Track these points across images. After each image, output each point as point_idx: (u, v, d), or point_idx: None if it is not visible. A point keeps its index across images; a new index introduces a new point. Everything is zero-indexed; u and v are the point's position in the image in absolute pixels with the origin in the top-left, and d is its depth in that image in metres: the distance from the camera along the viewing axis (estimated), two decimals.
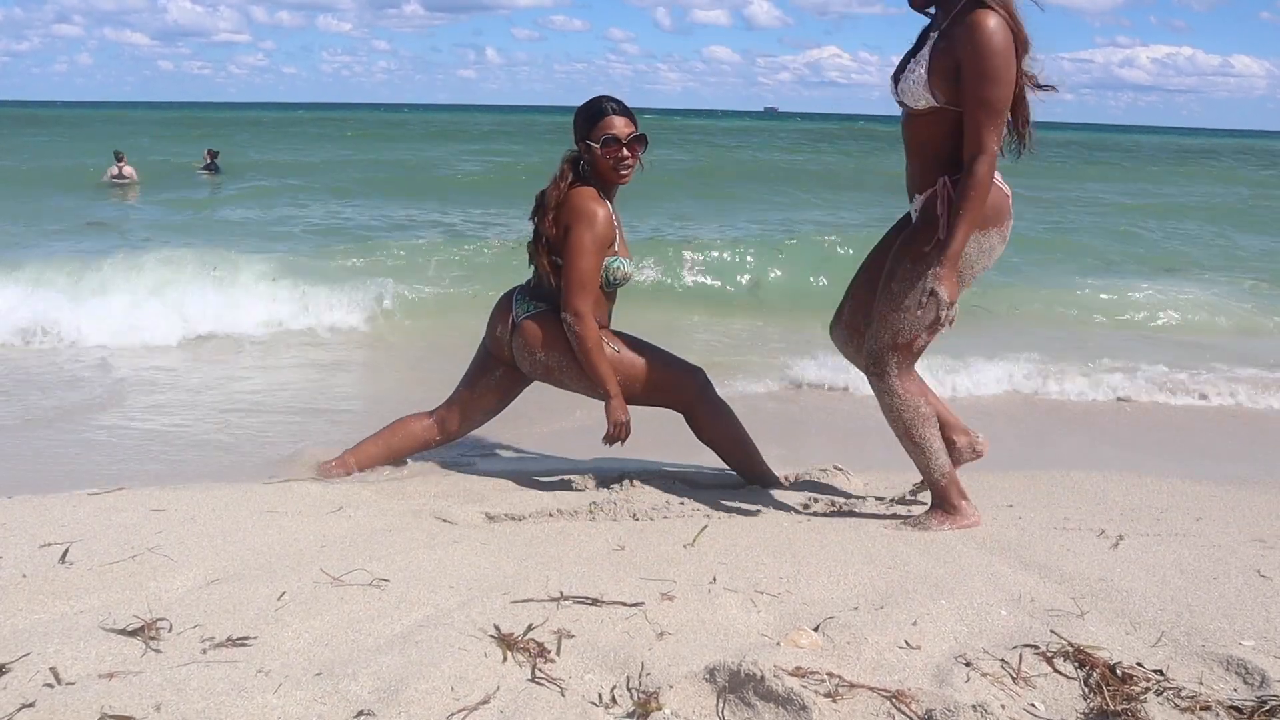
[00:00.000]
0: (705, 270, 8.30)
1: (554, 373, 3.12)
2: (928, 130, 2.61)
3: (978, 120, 2.49)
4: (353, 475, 3.23)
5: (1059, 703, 1.79)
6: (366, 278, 7.29)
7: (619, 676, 1.81)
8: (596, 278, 3.00)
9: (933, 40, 2.56)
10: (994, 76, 2.46)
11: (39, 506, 2.72)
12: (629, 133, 3.01)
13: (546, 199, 3.04)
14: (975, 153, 2.49)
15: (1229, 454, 4.28)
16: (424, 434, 3.28)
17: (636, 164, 3.05)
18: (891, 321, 2.66)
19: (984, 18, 2.44)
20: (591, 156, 3.01)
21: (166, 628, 1.91)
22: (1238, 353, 6.23)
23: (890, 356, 2.69)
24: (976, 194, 2.50)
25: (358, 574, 2.24)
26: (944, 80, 2.52)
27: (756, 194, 17.02)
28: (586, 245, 2.96)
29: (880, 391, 2.75)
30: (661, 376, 3.12)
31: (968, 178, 2.50)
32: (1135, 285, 8.34)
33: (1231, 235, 13.06)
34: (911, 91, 2.58)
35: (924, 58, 2.55)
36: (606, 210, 3.01)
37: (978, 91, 2.47)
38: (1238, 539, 2.79)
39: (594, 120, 3.01)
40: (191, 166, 18.79)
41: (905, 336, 2.66)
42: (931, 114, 2.58)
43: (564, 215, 3.00)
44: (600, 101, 3.04)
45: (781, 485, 3.26)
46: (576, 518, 2.86)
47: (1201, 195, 19.63)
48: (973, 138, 2.50)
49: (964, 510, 2.78)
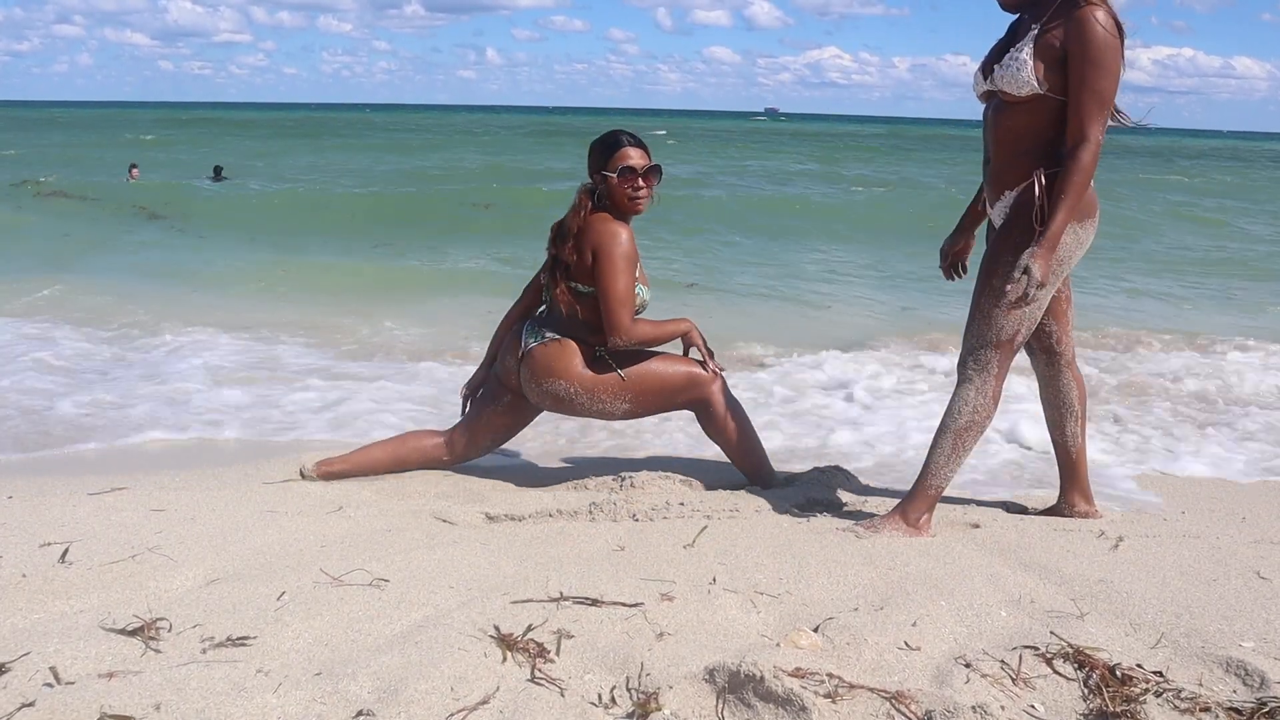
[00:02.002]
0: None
1: (562, 401, 3.15)
2: (1024, 119, 2.61)
3: (1088, 110, 2.51)
4: (351, 477, 3.23)
5: (1059, 704, 1.79)
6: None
7: (619, 677, 1.81)
8: (634, 293, 3.05)
9: (1034, 31, 2.57)
10: (1106, 67, 2.49)
11: (39, 506, 2.72)
12: (644, 164, 3.08)
13: (567, 227, 3.10)
14: (1081, 141, 2.52)
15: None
16: (432, 451, 3.32)
17: (651, 195, 3.11)
18: (995, 317, 2.67)
19: (1094, 10, 2.48)
20: (607, 187, 3.08)
21: (166, 627, 1.91)
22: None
23: (993, 355, 2.70)
24: (1080, 180, 2.52)
25: (358, 574, 2.24)
26: (1049, 68, 2.54)
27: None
28: (619, 263, 3.01)
29: (968, 387, 2.74)
30: (679, 377, 3.17)
31: (1072, 164, 2.52)
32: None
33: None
34: (1014, 79, 2.58)
35: (1026, 46, 2.56)
36: (629, 232, 3.07)
37: (1090, 81, 2.50)
38: (1237, 540, 2.79)
39: (610, 151, 3.08)
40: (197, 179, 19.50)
41: (1007, 333, 2.67)
42: (1032, 102, 2.58)
43: (586, 241, 3.05)
44: (616, 134, 3.13)
45: (783, 485, 3.26)
46: (576, 518, 2.86)
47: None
48: (1078, 126, 2.52)
49: (921, 528, 2.76)
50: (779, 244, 11.86)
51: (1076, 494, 3.01)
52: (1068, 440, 2.97)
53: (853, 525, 2.77)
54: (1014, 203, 2.68)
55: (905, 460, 3.87)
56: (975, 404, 2.73)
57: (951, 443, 2.75)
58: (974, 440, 2.76)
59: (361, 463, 3.26)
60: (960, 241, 3.06)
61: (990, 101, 2.71)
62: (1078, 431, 2.96)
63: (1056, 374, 2.92)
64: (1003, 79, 2.61)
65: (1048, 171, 2.58)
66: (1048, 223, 2.53)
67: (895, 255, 10.70)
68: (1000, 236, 2.70)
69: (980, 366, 2.72)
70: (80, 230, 11.60)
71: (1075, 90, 2.52)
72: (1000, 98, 2.65)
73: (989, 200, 2.79)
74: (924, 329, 6.75)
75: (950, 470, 2.77)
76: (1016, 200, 2.67)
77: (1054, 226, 2.52)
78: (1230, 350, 6.34)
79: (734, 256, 10.86)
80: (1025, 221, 2.60)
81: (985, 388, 2.72)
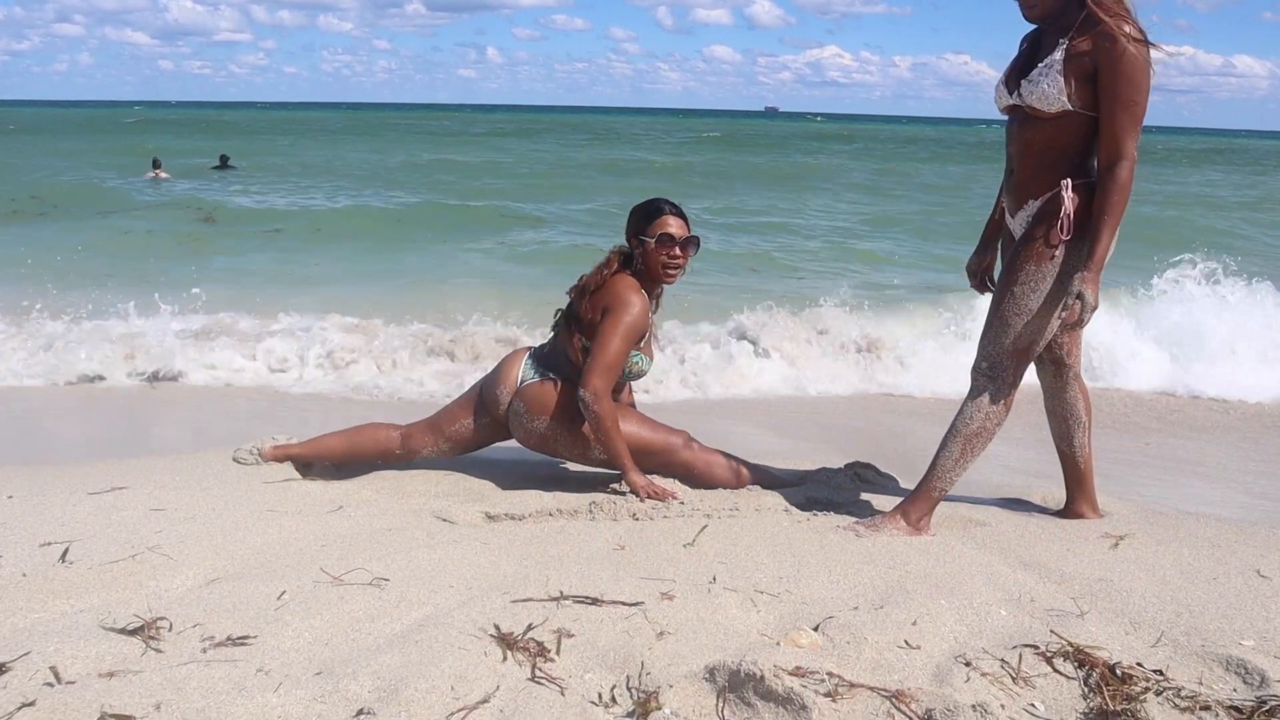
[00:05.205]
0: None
1: (548, 441, 3.16)
2: (1053, 134, 2.61)
3: (1122, 126, 2.51)
4: (305, 462, 3.29)
5: (1059, 703, 1.79)
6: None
7: (619, 676, 1.81)
8: (622, 364, 3.05)
9: (1063, 46, 2.56)
10: (1138, 83, 2.50)
11: (39, 506, 2.72)
12: (683, 234, 3.09)
13: (588, 283, 3.11)
14: (1117, 158, 2.52)
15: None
16: (387, 444, 3.29)
17: (686, 266, 3.13)
18: (1014, 325, 2.67)
19: (1122, 24, 2.48)
20: (644, 252, 3.09)
21: (166, 627, 1.91)
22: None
23: (1010, 362, 2.71)
24: (1120, 198, 2.53)
25: (358, 573, 2.24)
26: (1079, 84, 2.53)
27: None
28: (620, 330, 3.01)
29: (982, 392, 2.74)
30: (655, 442, 3.16)
31: (1110, 183, 2.53)
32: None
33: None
34: (1043, 96, 2.57)
35: (1055, 63, 2.55)
36: (644, 302, 3.07)
37: (1124, 97, 2.50)
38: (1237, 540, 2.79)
39: (650, 218, 3.10)
40: (205, 168, 19.95)
41: (1025, 341, 2.68)
42: (1061, 118, 2.58)
43: (602, 299, 3.06)
44: (658, 201, 3.15)
45: (786, 485, 3.26)
46: (576, 518, 2.86)
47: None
48: (1113, 143, 2.52)
49: (921, 528, 2.77)
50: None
51: (1084, 504, 3.02)
52: (1075, 451, 2.97)
53: (853, 524, 2.77)
54: (1036, 212, 2.67)
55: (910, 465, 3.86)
56: (988, 410, 2.73)
57: (960, 447, 2.75)
58: (983, 446, 2.77)
59: (318, 449, 3.29)
60: (986, 258, 3.07)
61: (1014, 114, 2.70)
62: (1085, 442, 2.96)
63: (1064, 386, 2.92)
64: (1031, 95, 2.60)
65: (1075, 182, 2.58)
66: (1093, 244, 2.53)
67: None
68: (1021, 246, 2.69)
69: (996, 373, 2.72)
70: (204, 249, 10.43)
71: (1108, 107, 2.51)
72: (1026, 112, 2.65)
73: (1010, 210, 2.79)
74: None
75: (956, 474, 2.77)
76: (1040, 210, 2.67)
77: (1100, 248, 2.53)
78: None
79: None
80: (1046, 231, 2.61)
81: (999, 395, 2.73)
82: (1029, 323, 2.65)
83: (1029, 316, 2.64)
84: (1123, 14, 2.50)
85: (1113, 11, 2.49)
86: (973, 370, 2.79)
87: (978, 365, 2.76)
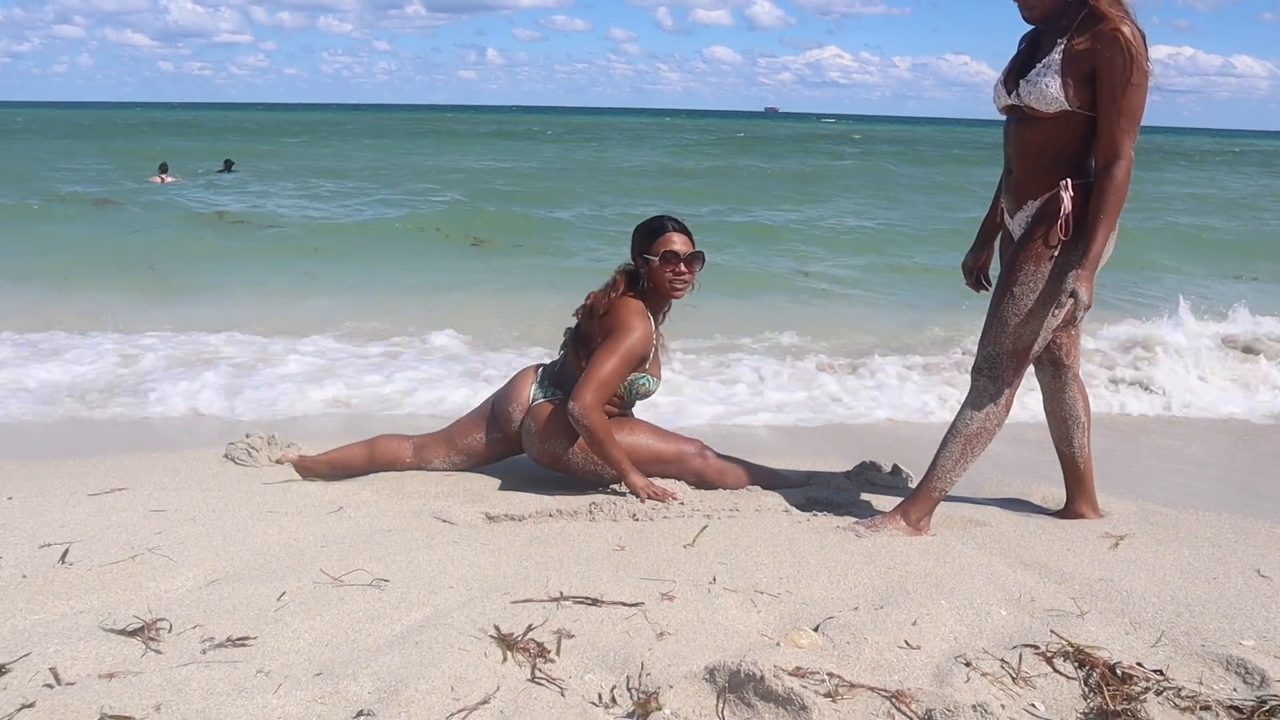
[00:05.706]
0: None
1: (559, 459, 3.17)
2: (1049, 133, 2.61)
3: (1119, 126, 2.51)
4: (324, 477, 3.29)
5: (1059, 703, 1.79)
6: None
7: (619, 676, 1.81)
8: (615, 384, 3.06)
9: (1061, 46, 2.56)
10: (1136, 84, 2.50)
11: (39, 507, 2.72)
12: (688, 250, 3.09)
13: (595, 305, 3.11)
14: (1114, 158, 2.53)
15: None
16: (400, 455, 3.33)
17: (692, 281, 3.13)
18: (1013, 325, 2.67)
19: (1123, 26, 2.48)
20: (649, 270, 3.09)
21: (166, 628, 1.91)
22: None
23: (1009, 363, 2.71)
24: (1117, 198, 2.54)
25: (358, 574, 2.24)
26: (1078, 85, 2.54)
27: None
28: (619, 353, 3.02)
29: (982, 393, 2.74)
30: (668, 452, 3.17)
31: (1107, 182, 2.53)
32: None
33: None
34: (1042, 96, 2.57)
35: (1054, 63, 2.56)
36: (647, 328, 3.07)
37: (1122, 98, 2.50)
38: (1237, 540, 2.79)
39: (654, 235, 3.11)
40: (209, 171, 19.91)
41: (1025, 341, 2.68)
42: (1059, 118, 2.59)
43: (606, 321, 3.07)
44: (661, 219, 3.15)
45: (791, 484, 3.26)
46: (576, 518, 2.86)
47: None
48: (1111, 143, 2.53)
49: (920, 528, 2.77)
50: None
51: (1084, 505, 3.02)
52: (1075, 452, 2.97)
53: (853, 524, 2.77)
54: (1035, 212, 2.67)
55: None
56: (988, 411, 2.74)
57: (960, 447, 2.75)
58: (983, 446, 2.77)
59: (335, 462, 3.31)
60: (982, 255, 3.07)
61: (1012, 114, 2.70)
62: (1085, 443, 2.96)
63: (1063, 386, 2.92)
64: (1029, 95, 2.60)
65: (1074, 182, 2.58)
66: (1088, 242, 2.53)
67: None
68: (1020, 246, 2.69)
69: (995, 374, 2.72)
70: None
71: (1106, 108, 2.52)
72: (1024, 111, 2.65)
73: (1008, 210, 2.79)
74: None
75: (956, 474, 2.77)
76: (1039, 210, 2.67)
77: (1095, 247, 2.53)
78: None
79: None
80: (1046, 231, 2.61)
81: (999, 395, 2.73)
82: (1028, 323, 2.65)
83: (1028, 317, 2.64)
84: (1122, 14, 2.50)
85: (1112, 12, 2.49)
86: (972, 371, 2.79)
87: (977, 366, 2.77)
